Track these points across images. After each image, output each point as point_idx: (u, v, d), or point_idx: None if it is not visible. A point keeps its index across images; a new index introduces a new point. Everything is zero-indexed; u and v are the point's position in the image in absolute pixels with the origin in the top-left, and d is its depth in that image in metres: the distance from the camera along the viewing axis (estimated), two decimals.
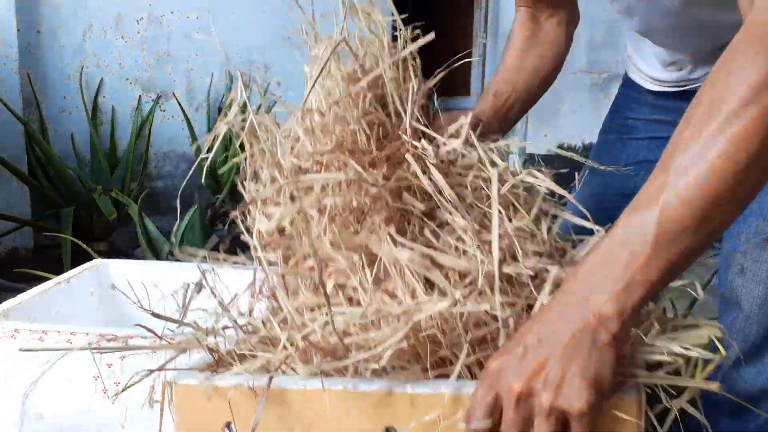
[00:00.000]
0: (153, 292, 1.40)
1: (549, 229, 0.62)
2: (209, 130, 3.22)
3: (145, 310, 0.80)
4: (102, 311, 1.37)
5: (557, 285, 0.53)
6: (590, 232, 0.65)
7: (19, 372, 0.98)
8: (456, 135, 0.67)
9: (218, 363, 0.58)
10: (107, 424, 0.98)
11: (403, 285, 0.54)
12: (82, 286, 1.31)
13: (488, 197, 0.60)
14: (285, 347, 0.53)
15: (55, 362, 0.98)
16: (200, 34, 3.22)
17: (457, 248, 0.57)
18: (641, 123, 1.03)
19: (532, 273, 0.55)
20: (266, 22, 3.41)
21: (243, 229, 0.64)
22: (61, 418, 0.99)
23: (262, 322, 0.59)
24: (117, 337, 0.95)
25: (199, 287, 0.62)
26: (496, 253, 0.53)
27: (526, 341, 0.47)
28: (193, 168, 0.75)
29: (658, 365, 0.51)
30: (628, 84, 1.08)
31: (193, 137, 3.06)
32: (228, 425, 0.53)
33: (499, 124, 0.86)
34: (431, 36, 0.64)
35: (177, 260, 2.17)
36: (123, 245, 2.73)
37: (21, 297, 1.11)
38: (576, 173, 1.00)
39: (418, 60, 0.72)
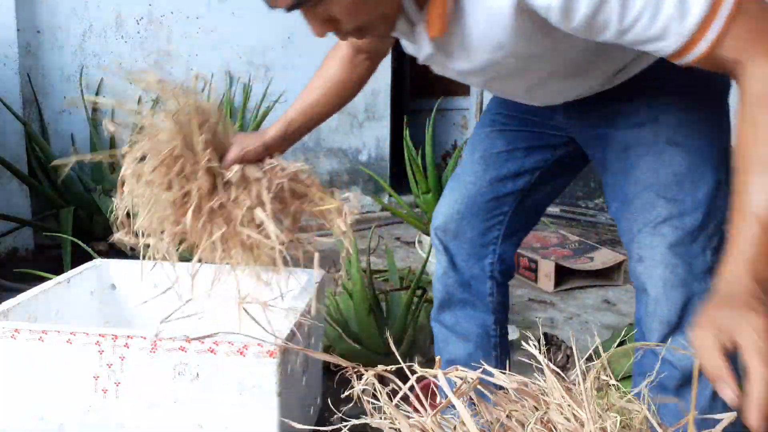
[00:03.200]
0: (153, 291, 1.41)
1: None
2: None
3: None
4: (102, 311, 1.37)
5: None
6: None
7: (20, 372, 0.98)
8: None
9: None
10: (107, 423, 0.98)
11: None
12: (82, 285, 1.31)
13: None
14: None
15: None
16: (200, 34, 3.23)
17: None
18: (512, 117, 1.10)
19: None
20: (266, 22, 3.42)
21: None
22: (61, 418, 0.99)
23: None
24: (117, 336, 0.95)
25: None
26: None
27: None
28: None
29: None
30: None
31: None
32: None
33: (285, 145, 1.08)
34: None
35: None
36: (123, 245, 2.73)
37: (21, 297, 1.11)
38: None
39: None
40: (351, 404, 0.61)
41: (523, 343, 0.63)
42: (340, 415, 1.25)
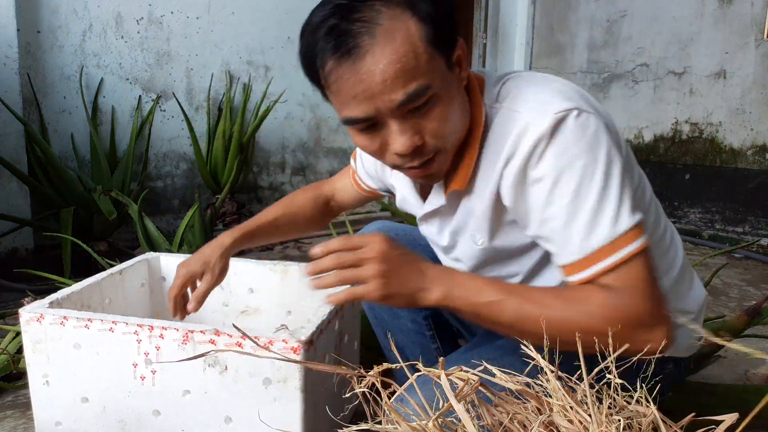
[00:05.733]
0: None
1: None
2: (209, 130, 3.22)
3: None
4: (152, 301, 1.44)
5: None
6: None
7: (68, 356, 1.04)
8: None
9: None
10: (145, 409, 1.03)
11: None
12: (133, 278, 1.37)
13: None
14: None
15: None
16: (200, 34, 3.22)
17: None
18: None
19: None
20: (266, 22, 3.42)
21: None
22: (104, 401, 1.04)
23: None
24: (153, 327, 0.99)
25: None
26: None
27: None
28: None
29: None
30: None
31: (193, 137, 3.06)
32: None
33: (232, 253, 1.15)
34: None
35: None
36: (123, 245, 2.73)
37: (76, 286, 1.18)
38: None
39: None
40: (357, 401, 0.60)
41: (523, 345, 0.63)
42: (340, 416, 1.25)
